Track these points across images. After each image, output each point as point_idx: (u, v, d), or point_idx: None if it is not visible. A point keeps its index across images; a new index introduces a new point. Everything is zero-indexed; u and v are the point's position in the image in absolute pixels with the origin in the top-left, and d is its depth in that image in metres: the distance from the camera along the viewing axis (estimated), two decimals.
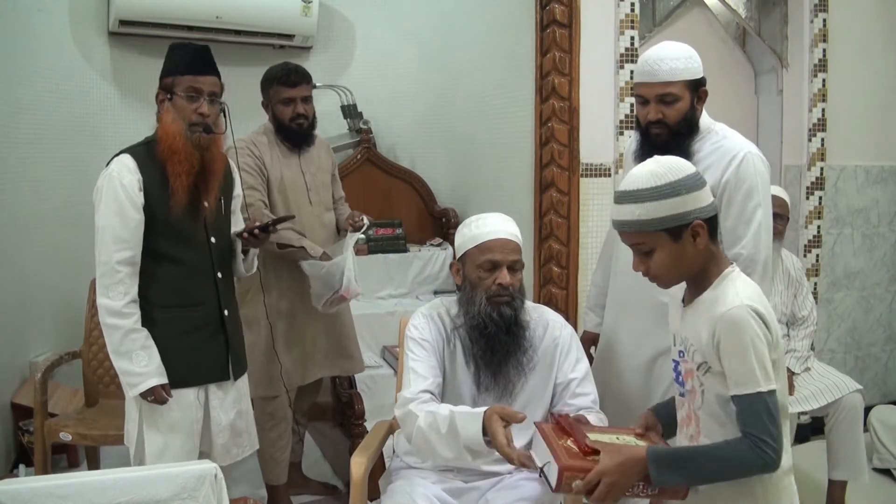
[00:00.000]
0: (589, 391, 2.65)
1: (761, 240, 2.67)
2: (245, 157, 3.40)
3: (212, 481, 2.13)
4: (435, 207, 5.24)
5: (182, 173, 2.65)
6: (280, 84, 3.56)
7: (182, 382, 2.71)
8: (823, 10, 4.60)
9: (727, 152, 2.70)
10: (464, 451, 2.31)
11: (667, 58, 2.70)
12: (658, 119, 2.70)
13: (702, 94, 2.74)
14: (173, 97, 2.69)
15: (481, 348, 2.56)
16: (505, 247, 2.56)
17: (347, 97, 5.12)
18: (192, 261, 2.75)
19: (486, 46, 4.59)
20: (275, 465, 3.63)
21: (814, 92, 4.64)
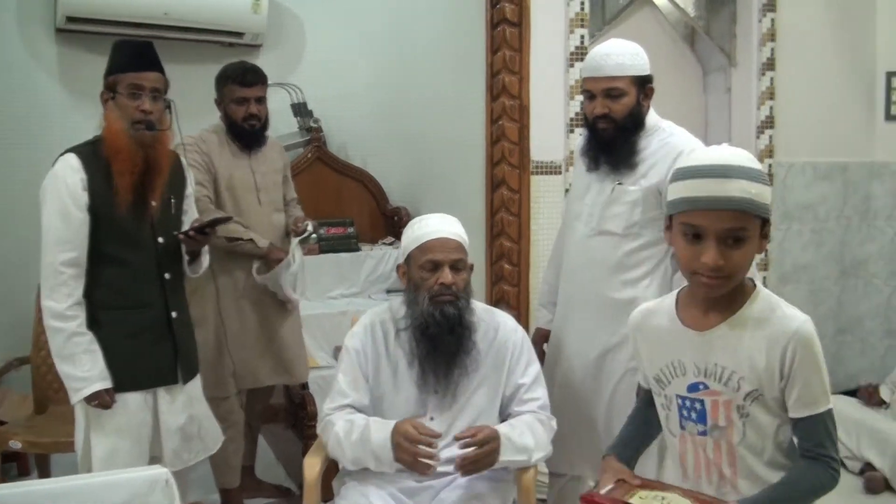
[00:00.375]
0: (538, 396, 2.65)
1: None
2: (192, 153, 3.35)
3: (163, 487, 2.10)
4: (387, 206, 5.23)
5: (125, 172, 2.61)
6: (234, 83, 3.50)
7: (128, 386, 2.66)
8: (771, 9, 4.66)
9: (673, 149, 2.74)
10: (370, 456, 2.46)
11: (613, 53, 2.75)
12: (604, 113, 2.76)
13: (648, 91, 2.79)
14: (116, 96, 2.65)
15: (424, 349, 2.55)
16: (445, 246, 2.56)
17: (297, 95, 5.09)
18: (137, 261, 2.70)
19: (438, 44, 4.59)
20: (227, 468, 3.60)
21: (762, 90, 4.70)
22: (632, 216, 2.79)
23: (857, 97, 5.09)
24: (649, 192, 2.76)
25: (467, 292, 2.60)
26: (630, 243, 2.81)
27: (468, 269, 2.63)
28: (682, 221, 1.80)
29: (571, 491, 3.25)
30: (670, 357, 1.94)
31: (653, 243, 2.80)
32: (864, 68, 5.09)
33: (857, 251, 5.22)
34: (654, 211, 2.77)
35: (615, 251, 2.84)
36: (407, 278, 2.64)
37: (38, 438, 3.41)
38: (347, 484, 2.61)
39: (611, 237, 2.84)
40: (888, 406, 4.45)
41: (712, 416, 1.89)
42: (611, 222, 2.83)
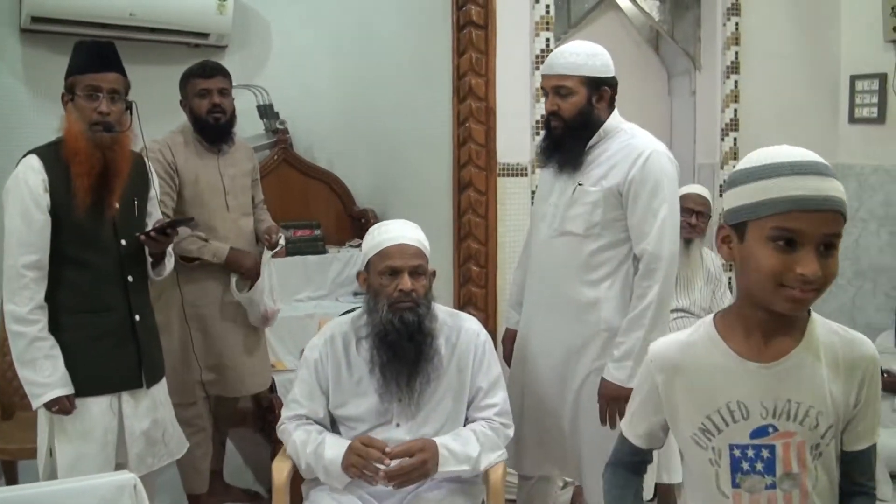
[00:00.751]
0: (495, 401, 2.66)
1: (665, 237, 2.71)
2: (154, 162, 3.29)
3: (131, 492, 2.08)
4: (354, 208, 5.21)
5: (83, 174, 2.59)
6: (196, 76, 3.50)
7: (93, 391, 2.65)
8: (736, 13, 4.70)
9: (633, 150, 2.76)
10: (321, 470, 2.51)
11: (567, 52, 2.79)
12: (553, 111, 2.79)
13: (602, 94, 2.80)
14: (75, 97, 2.64)
15: (385, 356, 2.54)
16: (404, 252, 2.54)
17: (263, 97, 5.06)
18: (100, 264, 2.68)
19: (404, 46, 4.59)
20: (195, 474, 3.58)
21: (726, 93, 4.73)
22: (592, 217, 2.80)
23: (821, 100, 5.14)
24: (610, 194, 2.77)
25: (428, 299, 2.59)
26: (591, 244, 2.82)
27: (429, 275, 2.62)
28: (775, 226, 1.52)
29: (540, 492, 3.27)
30: (726, 399, 1.61)
31: (614, 244, 2.82)
32: (828, 72, 5.14)
33: None
34: (615, 212, 2.79)
35: (577, 252, 2.85)
36: (367, 285, 2.63)
37: (4, 445, 3.39)
38: (316, 488, 2.62)
39: (572, 238, 2.86)
40: None
41: (784, 463, 1.59)
42: (572, 223, 2.85)
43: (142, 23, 4.61)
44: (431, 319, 2.57)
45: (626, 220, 2.79)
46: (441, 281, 3.98)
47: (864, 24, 4.98)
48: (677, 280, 3.92)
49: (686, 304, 4.03)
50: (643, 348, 2.65)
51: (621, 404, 2.68)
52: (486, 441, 2.58)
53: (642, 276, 2.73)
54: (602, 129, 2.84)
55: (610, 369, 2.75)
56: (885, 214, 5.00)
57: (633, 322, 2.73)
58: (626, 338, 2.73)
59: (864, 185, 5.11)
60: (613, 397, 2.74)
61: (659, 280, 2.70)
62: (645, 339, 2.68)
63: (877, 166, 5.03)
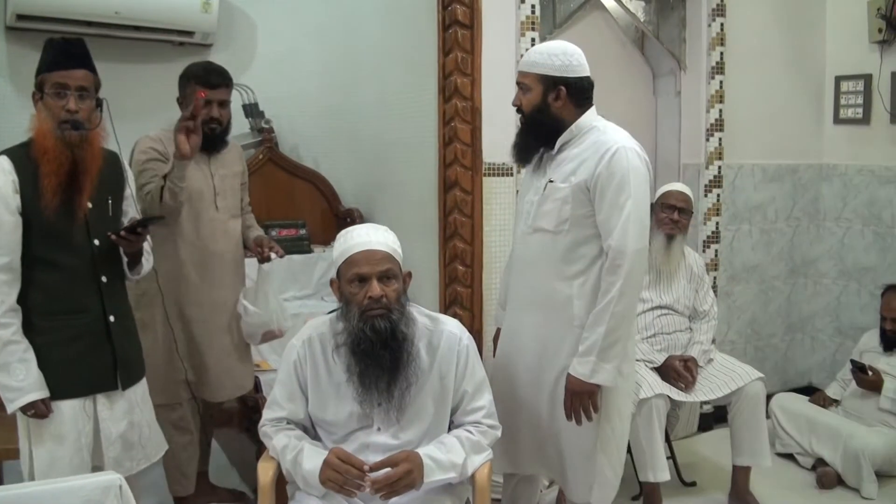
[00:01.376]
0: (482, 404, 2.65)
1: (629, 232, 2.71)
2: (148, 151, 3.33)
3: (117, 493, 2.08)
4: (339, 207, 5.20)
5: (51, 173, 2.54)
6: (199, 84, 3.39)
7: (66, 393, 2.62)
8: (721, 14, 4.72)
9: (602, 146, 2.78)
10: (300, 478, 2.50)
11: (532, 51, 2.89)
12: (517, 105, 2.92)
13: (559, 93, 2.81)
14: (44, 95, 2.60)
15: (361, 364, 2.50)
16: (371, 258, 2.49)
17: (249, 96, 5.05)
18: (72, 265, 2.65)
19: (390, 46, 4.58)
20: (182, 476, 3.56)
21: (711, 93, 4.75)
22: (561, 213, 2.82)
23: (806, 101, 5.18)
24: (578, 189, 2.78)
25: (401, 303, 2.53)
26: (562, 240, 2.84)
27: (401, 278, 2.57)
28: None
29: (524, 491, 3.28)
30: None
31: (585, 241, 2.82)
32: (813, 72, 5.18)
33: (806, 251, 5.31)
34: (584, 208, 2.79)
35: (550, 248, 2.87)
36: (339, 293, 2.59)
37: None
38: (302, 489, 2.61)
39: (545, 234, 2.88)
40: (839, 403, 4.53)
41: None
42: (543, 219, 2.87)
43: (127, 21, 4.61)
44: (407, 323, 2.52)
45: (594, 216, 2.80)
46: (427, 280, 4.00)
47: (849, 25, 5.01)
48: (658, 276, 3.98)
49: (669, 300, 4.05)
50: (607, 343, 2.70)
51: (584, 399, 2.75)
52: (471, 446, 2.57)
53: (607, 272, 2.73)
54: (575, 126, 2.85)
55: (574, 364, 2.77)
56: (870, 214, 5.03)
57: (596, 317, 2.74)
58: (590, 333, 2.74)
59: (848, 185, 5.14)
60: (577, 392, 2.77)
61: (622, 276, 2.69)
62: (608, 334, 2.70)
63: (861, 167, 5.06)
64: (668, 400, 3.79)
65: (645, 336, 4.00)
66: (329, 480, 2.42)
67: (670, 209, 3.97)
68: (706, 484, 4.23)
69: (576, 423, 2.80)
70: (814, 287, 5.35)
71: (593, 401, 2.78)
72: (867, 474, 4.01)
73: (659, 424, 3.72)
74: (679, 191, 4.05)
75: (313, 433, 2.67)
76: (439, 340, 2.64)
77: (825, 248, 5.30)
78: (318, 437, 2.66)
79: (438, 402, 2.62)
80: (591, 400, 2.77)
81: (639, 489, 3.94)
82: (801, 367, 5.38)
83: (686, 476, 4.25)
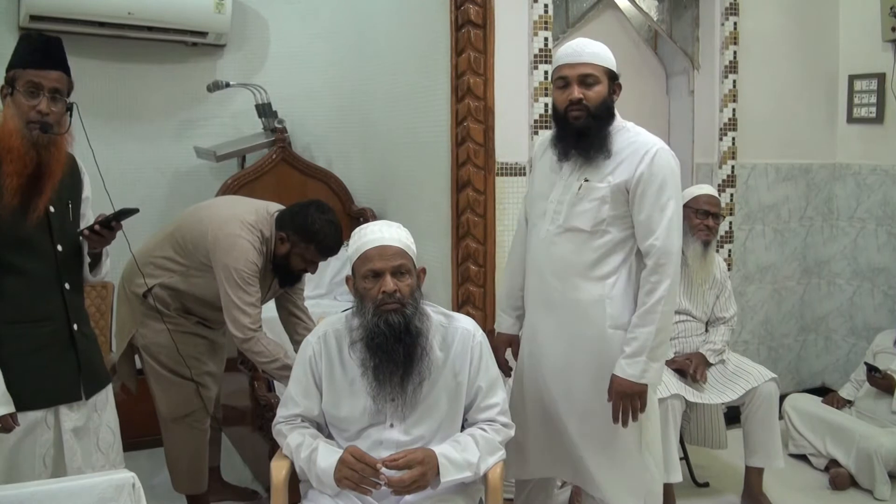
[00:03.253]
0: (495, 401, 2.64)
1: (673, 232, 2.73)
2: (251, 265, 3.27)
3: (130, 491, 2.07)
4: (352, 207, 5.20)
5: (13, 174, 2.42)
6: (311, 243, 3.38)
7: (28, 405, 2.48)
8: (734, 13, 4.70)
9: (641, 147, 2.77)
10: (314, 477, 2.50)
11: (590, 44, 2.81)
12: (579, 99, 2.76)
13: (616, 88, 2.83)
14: (14, 92, 2.47)
15: (376, 359, 2.50)
16: (384, 253, 2.50)
17: (262, 96, 5.06)
18: (36, 271, 2.53)
19: (402, 45, 4.58)
20: (193, 474, 3.57)
21: (724, 92, 4.74)
22: (600, 213, 2.79)
23: (819, 100, 5.16)
24: (617, 190, 2.77)
25: (415, 298, 2.53)
26: (597, 240, 2.82)
27: (415, 274, 2.57)
28: None
29: (539, 493, 3.26)
30: None
31: (620, 241, 2.82)
32: (826, 71, 5.16)
33: (819, 251, 5.29)
34: (622, 208, 2.79)
35: (582, 248, 2.84)
36: (354, 290, 2.60)
37: None
38: (314, 487, 2.61)
39: (578, 234, 2.84)
40: (853, 404, 4.51)
41: None
42: (578, 219, 2.82)
43: (140, 21, 4.62)
44: (421, 318, 2.53)
45: (630, 217, 2.79)
46: (439, 280, 4.00)
47: (862, 24, 4.99)
48: (683, 282, 3.90)
49: (688, 306, 3.99)
50: (657, 343, 2.70)
51: (635, 400, 2.72)
52: (485, 445, 2.56)
53: (651, 272, 2.74)
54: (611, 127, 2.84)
55: (623, 366, 2.74)
56: (884, 214, 5.00)
57: (643, 317, 2.73)
58: (637, 333, 2.73)
59: (862, 185, 5.11)
60: (627, 393, 2.74)
61: (669, 275, 2.72)
62: (657, 334, 2.71)
63: (875, 166, 5.04)
64: (684, 401, 3.78)
65: None
66: (344, 479, 2.42)
67: (704, 214, 3.88)
68: (719, 485, 4.21)
69: (622, 424, 2.78)
70: (827, 287, 5.33)
71: (643, 401, 2.76)
72: (880, 475, 3.99)
73: (674, 425, 3.71)
74: (709, 194, 3.97)
75: (326, 432, 2.67)
76: (453, 337, 2.63)
77: (839, 248, 5.28)
78: (331, 436, 2.66)
79: (452, 398, 2.62)
80: (641, 400, 2.76)
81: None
82: (814, 368, 5.36)
83: (699, 477, 4.24)
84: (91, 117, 2.64)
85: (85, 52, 4.62)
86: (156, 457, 4.04)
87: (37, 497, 1.99)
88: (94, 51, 4.64)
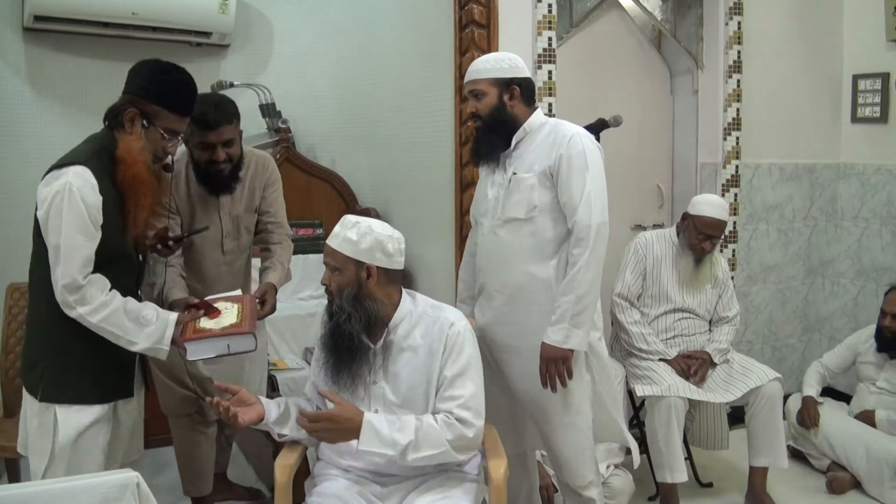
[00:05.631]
0: (459, 394, 2.61)
1: (592, 207, 2.89)
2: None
3: (134, 491, 2.07)
4: (356, 207, 5.20)
5: (146, 206, 2.57)
6: (195, 124, 2.98)
7: (108, 397, 2.64)
8: (738, 13, 4.70)
9: (558, 135, 3.00)
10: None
11: (480, 61, 3.10)
12: (473, 112, 3.07)
13: (513, 91, 3.03)
14: (150, 127, 2.55)
15: (324, 338, 2.69)
16: (325, 249, 2.68)
17: (266, 96, 5.06)
18: (126, 283, 2.63)
19: (406, 45, 4.58)
20: (197, 476, 3.56)
21: (728, 92, 4.74)
22: (531, 200, 2.99)
23: (823, 100, 5.15)
24: (543, 176, 2.97)
25: (344, 295, 2.62)
26: (533, 226, 3.00)
27: (351, 272, 2.62)
28: None
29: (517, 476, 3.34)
30: None
31: (554, 224, 2.99)
32: (831, 71, 5.15)
33: (823, 251, 5.28)
34: (550, 193, 2.98)
35: (523, 235, 3.03)
36: None
37: (6, 442, 3.35)
38: (318, 486, 2.64)
39: (515, 223, 3.03)
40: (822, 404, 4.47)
41: None
42: (513, 209, 3.02)
43: (144, 21, 4.62)
44: (347, 319, 2.60)
45: (559, 200, 2.97)
46: (442, 279, 4.03)
47: (866, 23, 4.99)
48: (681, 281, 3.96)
49: (692, 304, 4.04)
50: (578, 310, 2.86)
51: (559, 365, 2.89)
52: (426, 433, 2.54)
53: (573, 245, 2.91)
54: (526, 125, 3.06)
55: (549, 333, 2.91)
56: (888, 214, 5.00)
57: (566, 287, 2.90)
58: (561, 301, 2.90)
59: (866, 184, 5.11)
60: (552, 358, 2.91)
61: (588, 247, 2.87)
62: (577, 301, 2.87)
63: (879, 166, 5.03)
64: (687, 401, 3.79)
65: (665, 338, 4.01)
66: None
67: (704, 237, 3.96)
68: (723, 485, 4.22)
69: (551, 388, 2.94)
70: (831, 287, 5.33)
71: (567, 366, 2.91)
72: (890, 481, 3.98)
73: (678, 425, 3.72)
74: (715, 218, 3.94)
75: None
76: (434, 325, 2.69)
77: (843, 248, 5.28)
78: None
79: (428, 384, 2.66)
80: (566, 365, 2.91)
81: (655, 490, 3.93)
82: None
83: (703, 477, 4.24)
84: (96, 117, 2.65)
85: (89, 52, 4.63)
86: (158, 456, 4.06)
87: (40, 497, 1.99)
88: (97, 51, 4.64)
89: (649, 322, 4.02)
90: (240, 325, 2.72)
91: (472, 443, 2.61)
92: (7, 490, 2.04)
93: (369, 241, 2.61)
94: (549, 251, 2.99)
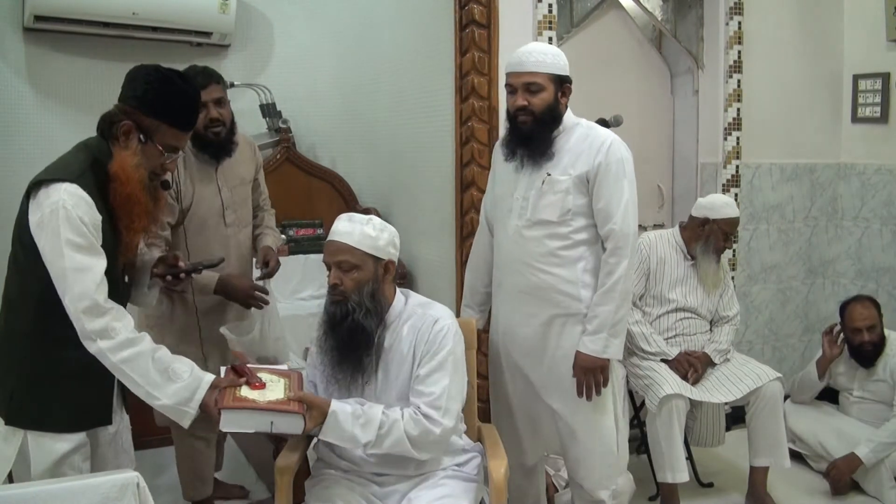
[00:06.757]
0: (431, 390, 2.58)
1: (629, 215, 2.93)
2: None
3: (134, 491, 2.07)
4: (357, 207, 5.20)
5: (139, 230, 2.36)
6: None
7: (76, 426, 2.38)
8: (738, 13, 4.70)
9: (596, 140, 3.00)
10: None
11: (535, 52, 2.98)
12: (524, 105, 2.97)
13: (566, 90, 3.01)
14: (148, 143, 2.34)
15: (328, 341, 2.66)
16: (330, 248, 2.63)
17: (266, 96, 5.07)
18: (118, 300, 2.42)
19: (406, 46, 4.58)
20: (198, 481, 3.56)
21: (729, 92, 4.74)
22: (565, 204, 2.98)
23: (823, 99, 5.15)
24: (578, 181, 2.97)
25: (361, 293, 2.59)
26: (565, 229, 3.00)
27: (369, 268, 2.61)
28: None
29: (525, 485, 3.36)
30: None
31: (584, 228, 3.01)
32: (831, 71, 5.15)
33: (824, 251, 5.28)
34: (584, 198, 2.99)
35: (552, 238, 3.02)
36: None
37: None
38: (318, 486, 2.64)
39: (546, 226, 3.02)
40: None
41: None
42: (545, 211, 3.01)
43: (144, 21, 4.62)
44: (367, 313, 2.59)
45: (591, 205, 2.98)
46: (443, 279, 4.02)
47: (866, 23, 4.99)
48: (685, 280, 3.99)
49: (694, 304, 4.03)
50: (616, 320, 2.89)
51: (597, 374, 2.92)
52: (388, 432, 2.51)
53: (610, 254, 2.93)
54: (563, 123, 3.04)
55: (585, 342, 2.94)
56: (888, 214, 5.00)
57: (604, 296, 2.93)
58: (598, 311, 2.93)
59: (866, 184, 5.11)
60: (589, 368, 2.94)
61: (626, 256, 2.91)
62: (616, 311, 2.91)
63: (879, 166, 5.03)
64: (688, 401, 3.78)
65: (666, 337, 4.01)
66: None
67: (724, 236, 4.00)
68: (724, 485, 4.21)
69: (586, 398, 2.96)
70: (832, 287, 5.33)
71: (605, 375, 2.95)
72: (889, 482, 3.97)
73: (679, 425, 3.71)
74: (735, 218, 4.03)
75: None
76: (421, 322, 2.69)
77: (843, 248, 5.27)
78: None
79: (402, 386, 2.66)
80: (603, 375, 2.94)
81: (656, 490, 3.93)
82: None
83: (703, 477, 4.24)
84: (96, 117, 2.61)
85: (89, 52, 4.63)
86: (158, 456, 4.06)
87: (40, 497, 1.99)
88: (98, 51, 4.64)
89: (651, 322, 4.02)
90: (288, 404, 2.44)
91: (438, 440, 2.57)
92: (7, 490, 2.04)
93: (387, 236, 2.64)
94: (577, 255, 3.00)
